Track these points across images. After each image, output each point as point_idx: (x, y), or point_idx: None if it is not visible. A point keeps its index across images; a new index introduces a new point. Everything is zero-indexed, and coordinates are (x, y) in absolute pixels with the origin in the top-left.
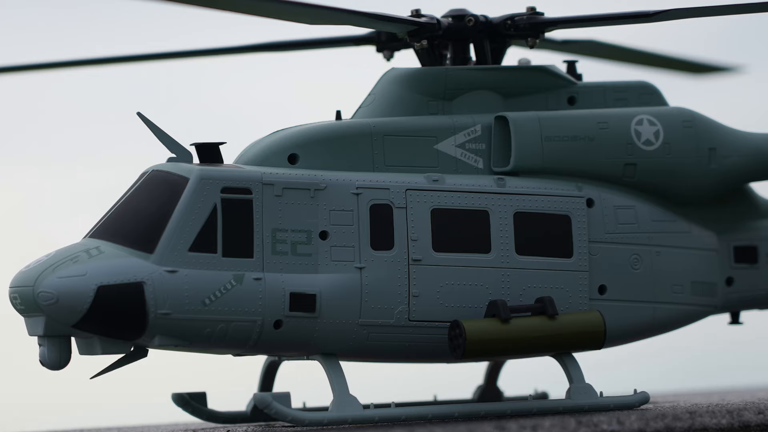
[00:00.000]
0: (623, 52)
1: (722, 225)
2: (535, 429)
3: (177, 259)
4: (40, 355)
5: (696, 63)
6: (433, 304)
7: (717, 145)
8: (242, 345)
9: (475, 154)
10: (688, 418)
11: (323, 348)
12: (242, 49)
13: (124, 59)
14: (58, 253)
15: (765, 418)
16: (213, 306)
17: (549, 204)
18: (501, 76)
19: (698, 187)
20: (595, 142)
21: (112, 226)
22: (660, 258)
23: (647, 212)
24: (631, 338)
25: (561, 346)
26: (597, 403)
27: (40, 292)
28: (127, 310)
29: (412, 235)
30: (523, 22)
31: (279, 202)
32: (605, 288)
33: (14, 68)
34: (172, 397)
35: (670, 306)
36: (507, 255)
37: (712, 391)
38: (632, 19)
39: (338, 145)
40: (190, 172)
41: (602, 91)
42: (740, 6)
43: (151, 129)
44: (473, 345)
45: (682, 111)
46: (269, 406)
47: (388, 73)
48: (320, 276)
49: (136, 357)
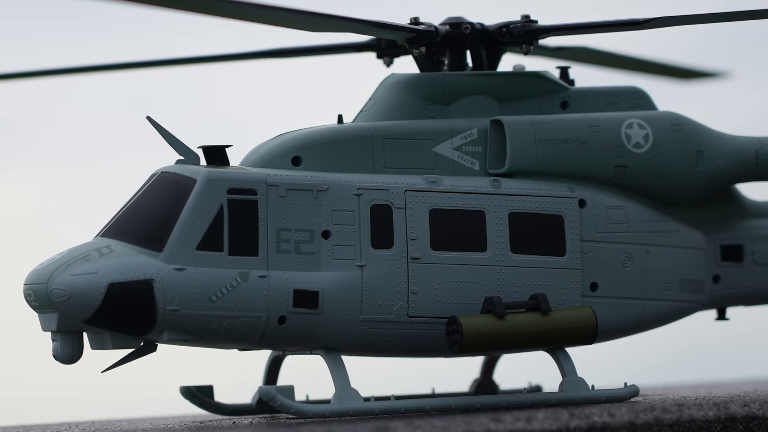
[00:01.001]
0: (614, 59)
1: (709, 225)
2: (529, 421)
3: (185, 258)
4: (53, 349)
5: (684, 69)
6: (432, 301)
7: (704, 148)
8: (248, 340)
9: (472, 157)
10: (676, 411)
11: (325, 343)
12: (248, 55)
13: (135, 65)
14: (70, 251)
15: (750, 411)
16: (220, 302)
17: (543, 204)
18: (496, 81)
19: (686, 188)
20: (587, 145)
21: (123, 225)
22: (649, 256)
23: (637, 212)
24: (621, 333)
25: (554, 341)
26: (589, 395)
27: (54, 289)
28: (137, 306)
29: (411, 234)
30: (517, 30)
31: (283, 203)
32: (597, 285)
33: (31, 74)
34: (180, 390)
35: (659, 303)
36: (502, 253)
37: (699, 384)
38: (623, 27)
39: (340, 148)
40: (198, 173)
41: (594, 96)
42: (726, 14)
43: (160, 132)
44: (470, 340)
45: (671, 115)
46: (274, 398)
47: (387, 78)
48: (322, 274)
49: (146, 351)
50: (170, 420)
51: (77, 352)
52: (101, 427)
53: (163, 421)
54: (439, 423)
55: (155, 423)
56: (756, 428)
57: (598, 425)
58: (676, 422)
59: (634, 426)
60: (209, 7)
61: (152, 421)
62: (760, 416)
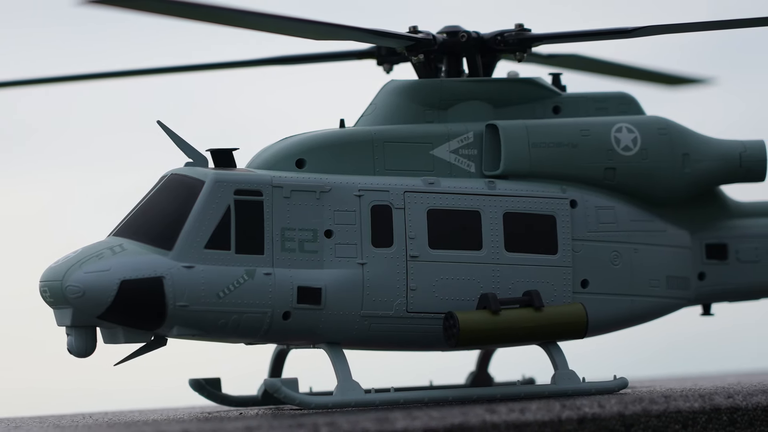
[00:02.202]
0: (604, 66)
1: (695, 224)
2: (522, 412)
3: (194, 256)
4: (68, 344)
5: (670, 75)
6: (429, 297)
7: (690, 151)
8: (254, 334)
9: (468, 159)
10: (663, 402)
11: (328, 337)
12: (254, 62)
13: (146, 72)
14: (84, 250)
15: (734, 402)
16: (227, 299)
17: (535, 205)
18: (491, 87)
19: (673, 190)
20: (578, 148)
21: (134, 225)
22: (638, 254)
23: (626, 212)
24: (611, 328)
25: (546, 335)
26: (580, 387)
27: (68, 285)
28: (148, 302)
29: (410, 233)
30: (511, 38)
31: (287, 203)
32: (587, 282)
33: (47, 80)
34: (189, 382)
35: (647, 299)
36: (497, 252)
37: (685, 377)
38: (612, 35)
39: (342, 151)
40: (206, 175)
41: (584, 101)
42: (710, 23)
43: (170, 136)
44: (466, 334)
45: (658, 119)
46: (279, 390)
47: (387, 84)
48: (325, 271)
49: (156, 346)
50: (180, 411)
51: (91, 346)
52: (114, 417)
53: (172, 412)
54: (436, 414)
55: (165, 414)
56: (739, 419)
57: (588, 416)
58: (663, 413)
59: (623, 417)
60: (220, 18)
61: (162, 411)
62: (743, 407)
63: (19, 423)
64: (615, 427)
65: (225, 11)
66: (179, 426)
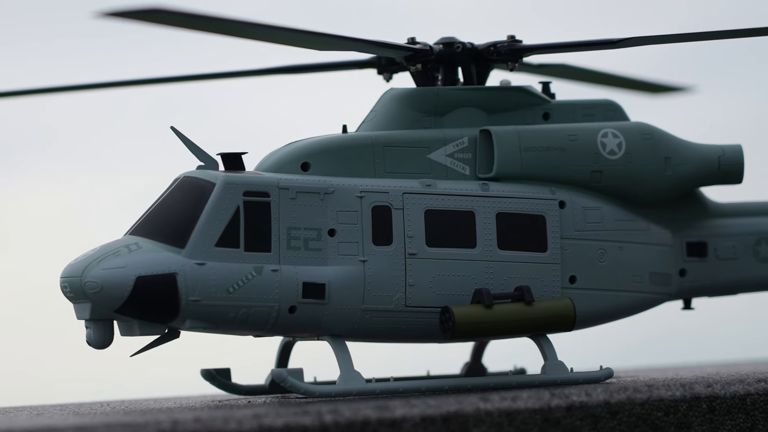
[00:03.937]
0: (591, 74)
1: (676, 224)
2: (514, 400)
3: (205, 253)
4: (87, 336)
5: (653, 83)
6: (427, 292)
7: (672, 155)
8: (261, 327)
9: (463, 163)
10: (646, 391)
11: (331, 330)
12: (262, 71)
13: (161, 80)
14: (102, 248)
15: (713, 391)
16: (236, 294)
17: (526, 205)
18: (485, 95)
19: (656, 191)
20: (567, 152)
21: (149, 224)
22: (622, 252)
23: (612, 213)
24: (597, 321)
25: (537, 328)
26: (568, 377)
27: (87, 281)
28: (162, 297)
29: (408, 232)
30: (504, 49)
31: (293, 204)
32: (575, 278)
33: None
34: (200, 372)
35: (631, 294)
36: (490, 250)
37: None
38: (599, 46)
39: (344, 155)
40: (217, 178)
41: (572, 108)
42: (690, 35)
43: (182, 141)
44: (461, 327)
45: (642, 125)
46: (285, 380)
47: (387, 92)
48: (329, 268)
49: (170, 338)
50: (192, 399)
51: (108, 338)
52: (130, 405)
53: (185, 401)
54: (433, 402)
55: (178, 402)
56: (718, 407)
57: (576, 404)
58: (647, 401)
59: (609, 404)
60: (231, 30)
61: (176, 400)
62: (722, 396)
63: (41, 410)
64: (601, 415)
65: (235, 24)
66: (192, 413)
